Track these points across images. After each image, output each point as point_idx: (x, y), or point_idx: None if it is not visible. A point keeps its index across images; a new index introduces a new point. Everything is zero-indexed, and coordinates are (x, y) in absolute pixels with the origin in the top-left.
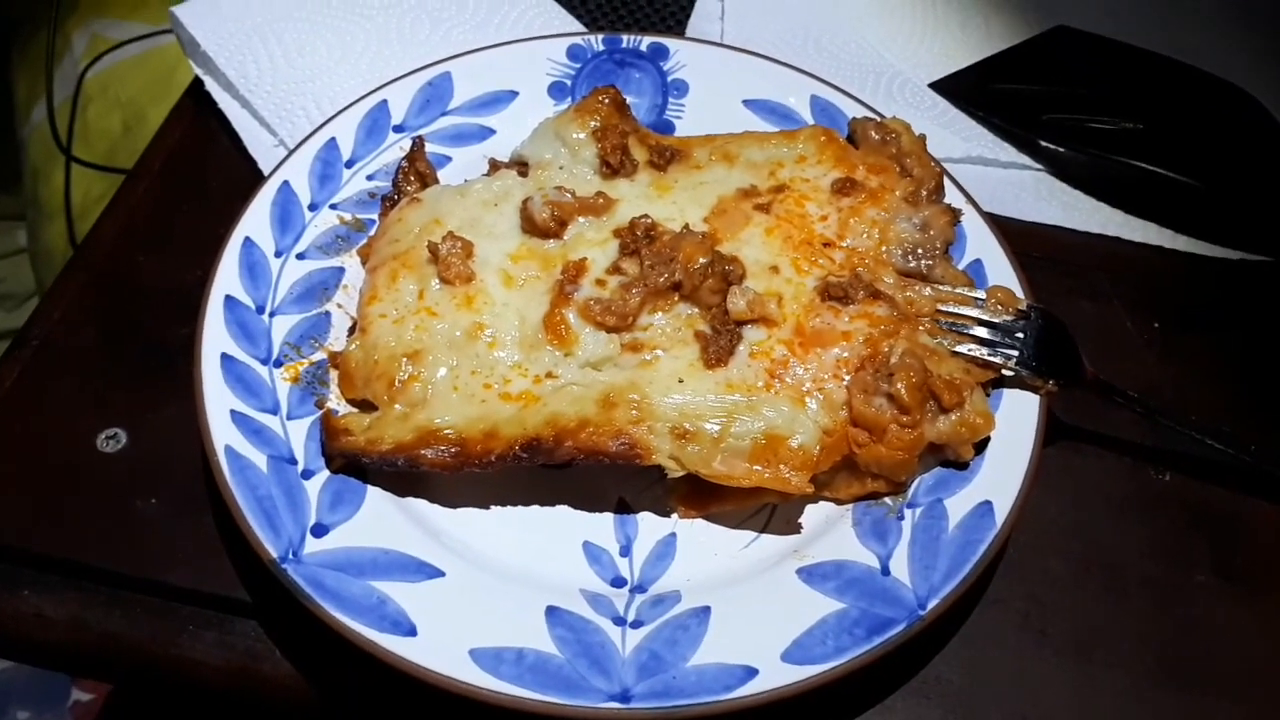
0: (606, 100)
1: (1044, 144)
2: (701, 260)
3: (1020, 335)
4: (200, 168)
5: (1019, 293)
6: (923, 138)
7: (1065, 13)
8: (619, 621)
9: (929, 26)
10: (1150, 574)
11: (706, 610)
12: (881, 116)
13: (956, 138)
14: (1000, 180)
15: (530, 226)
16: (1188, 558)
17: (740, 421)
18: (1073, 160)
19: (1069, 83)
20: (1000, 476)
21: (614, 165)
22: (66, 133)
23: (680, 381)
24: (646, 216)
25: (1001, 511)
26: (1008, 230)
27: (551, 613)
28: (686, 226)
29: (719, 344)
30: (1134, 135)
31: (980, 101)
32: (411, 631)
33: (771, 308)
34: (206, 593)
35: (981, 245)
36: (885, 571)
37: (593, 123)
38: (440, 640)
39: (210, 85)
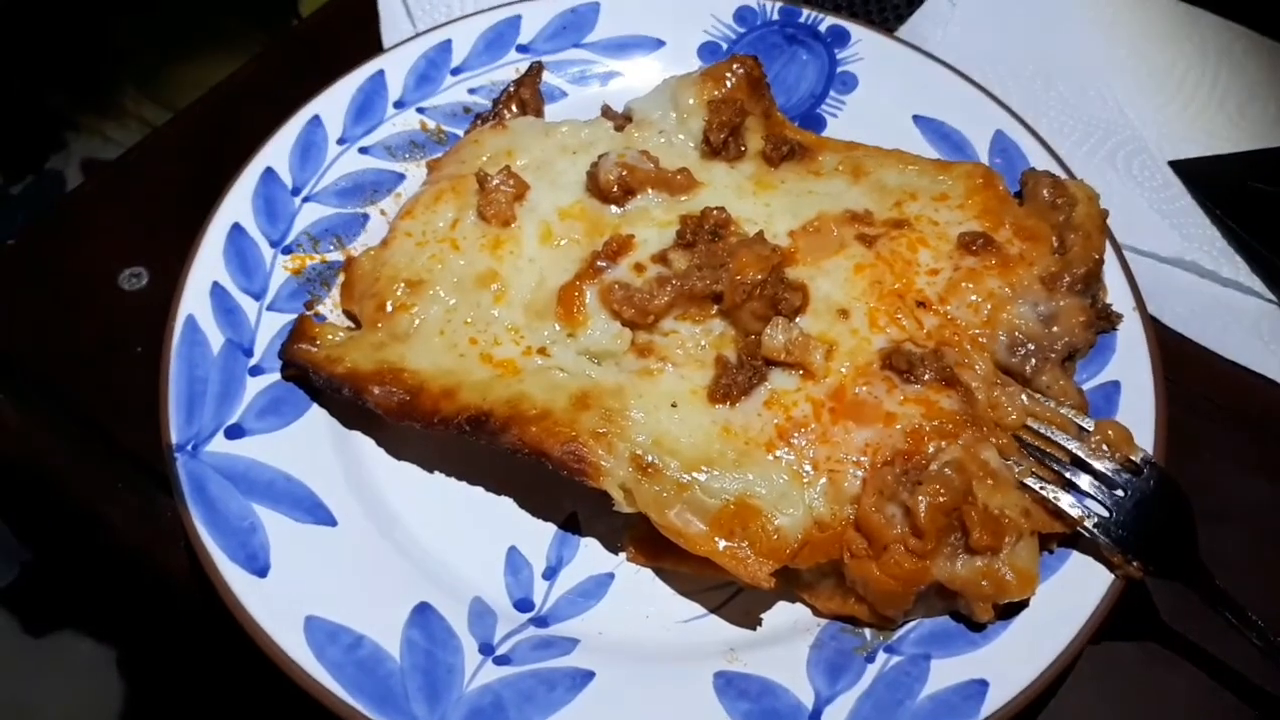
0: (740, 71)
1: None
2: (755, 276)
3: (1120, 493)
4: (345, 46)
5: (1149, 439)
6: (1103, 214)
7: None
8: (486, 649)
9: (1201, 96)
10: None
11: (588, 676)
12: (1071, 175)
13: (1175, 232)
14: (1214, 300)
15: (594, 186)
16: None
17: (717, 475)
18: None
19: None
20: (1016, 656)
21: (715, 145)
22: None
23: (673, 406)
24: (722, 210)
25: (995, 700)
26: (1194, 362)
27: (421, 610)
28: (761, 234)
29: (735, 378)
30: None
31: (1227, 199)
32: (263, 571)
33: (816, 356)
34: (139, 457)
35: (1128, 368)
36: (815, 718)
37: (715, 92)
38: (286, 592)
39: None
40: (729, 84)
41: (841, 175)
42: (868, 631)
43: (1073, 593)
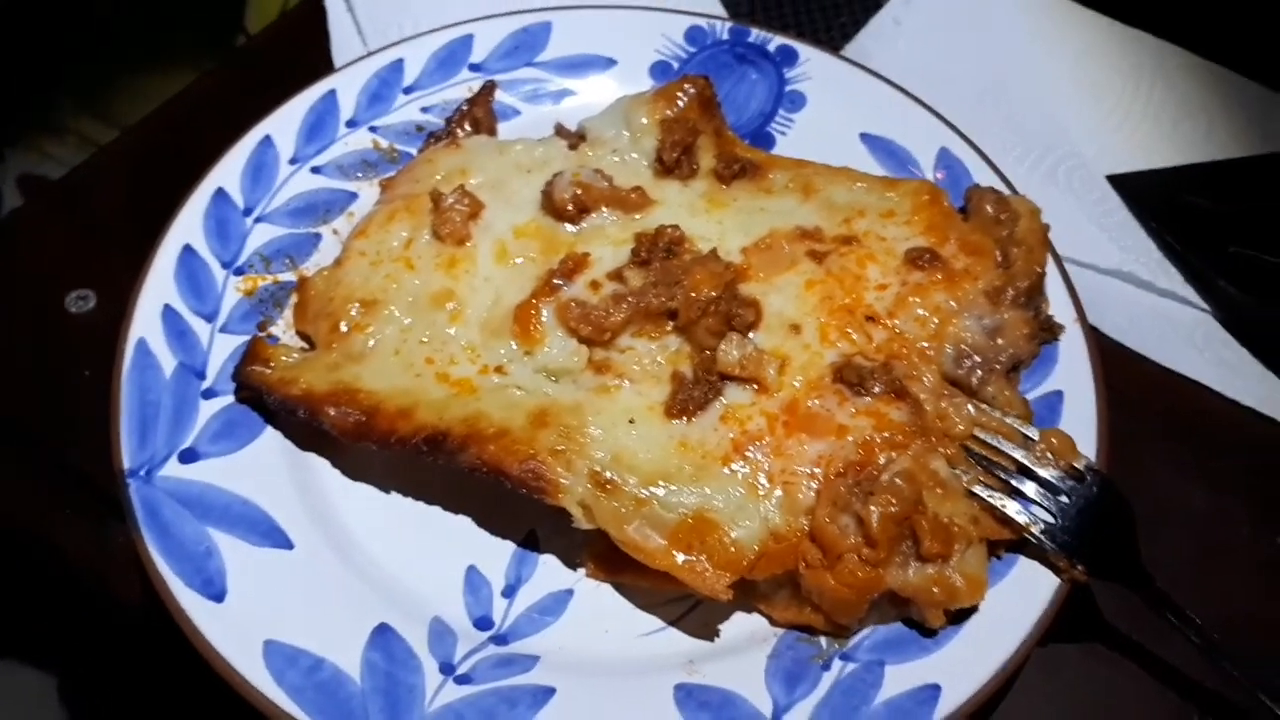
0: (692, 91)
1: (1221, 282)
2: (709, 293)
3: (1064, 499)
4: (296, 65)
5: (1091, 447)
6: (1045, 228)
7: None
8: (446, 669)
9: (1136, 111)
10: None
11: (549, 693)
12: (1014, 191)
13: (1114, 245)
14: (1150, 310)
15: (549, 204)
16: None
17: (675, 490)
18: (1250, 311)
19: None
20: (967, 660)
21: (668, 163)
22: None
23: (630, 422)
24: (676, 227)
25: (948, 704)
26: (1132, 370)
27: (380, 631)
28: (715, 252)
29: (691, 393)
30: None
31: (1161, 212)
32: (219, 596)
33: (769, 371)
34: (91, 483)
35: (1070, 377)
36: None
37: (667, 111)
38: (243, 617)
39: None
40: (681, 103)
41: (792, 193)
42: (823, 640)
43: (1020, 597)
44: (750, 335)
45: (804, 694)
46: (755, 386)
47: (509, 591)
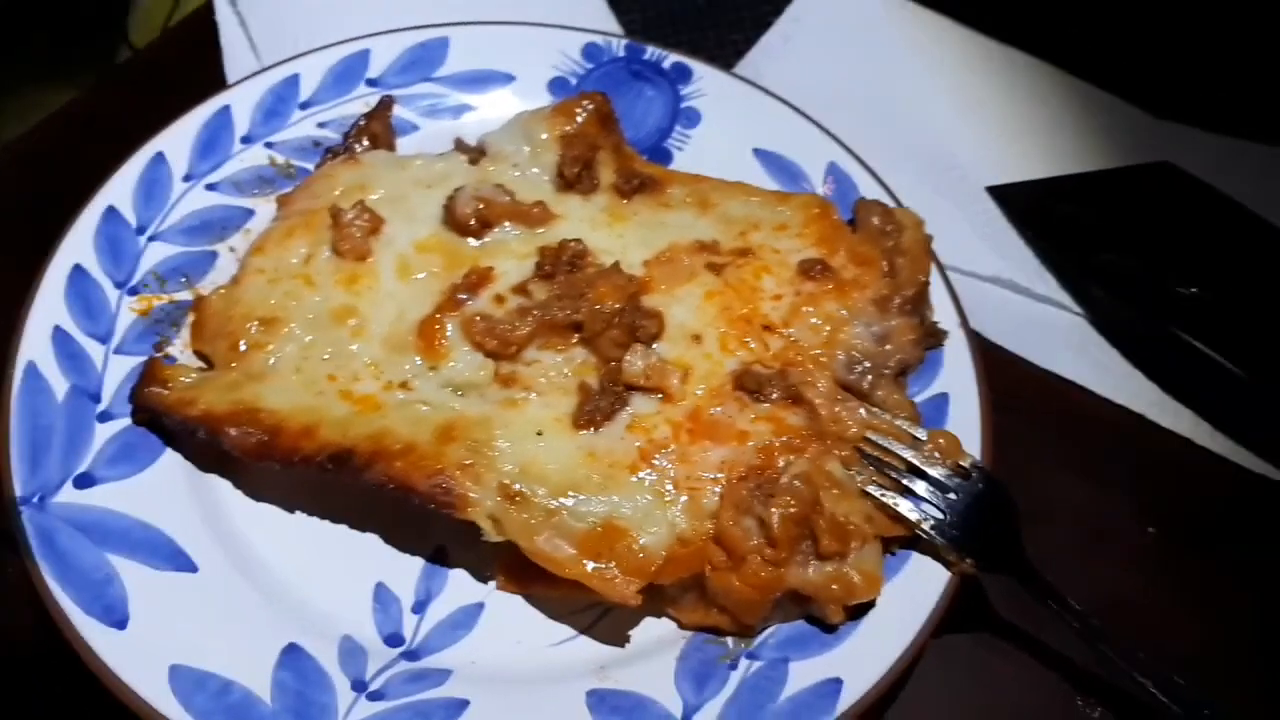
0: (590, 107)
1: (1093, 288)
2: (613, 305)
3: (952, 496)
4: (184, 80)
5: (976, 446)
6: (928, 239)
7: (1182, 151)
8: (358, 686)
9: (1013, 123)
10: None
11: (462, 705)
12: (899, 203)
13: (993, 253)
14: (1029, 315)
15: (451, 219)
16: None
17: (584, 499)
18: (1119, 315)
19: (1146, 226)
20: (866, 653)
21: (569, 178)
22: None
23: (538, 434)
24: (579, 241)
25: (849, 696)
26: (1013, 372)
27: (290, 651)
28: (618, 264)
29: (598, 404)
30: (1196, 303)
31: (1036, 221)
32: (121, 624)
33: (673, 380)
34: None
35: (954, 380)
36: None
37: (566, 127)
38: (147, 643)
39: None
40: (580, 119)
41: (690, 207)
42: (730, 640)
43: (914, 591)
44: (654, 346)
45: (712, 693)
46: (660, 396)
47: (419, 607)
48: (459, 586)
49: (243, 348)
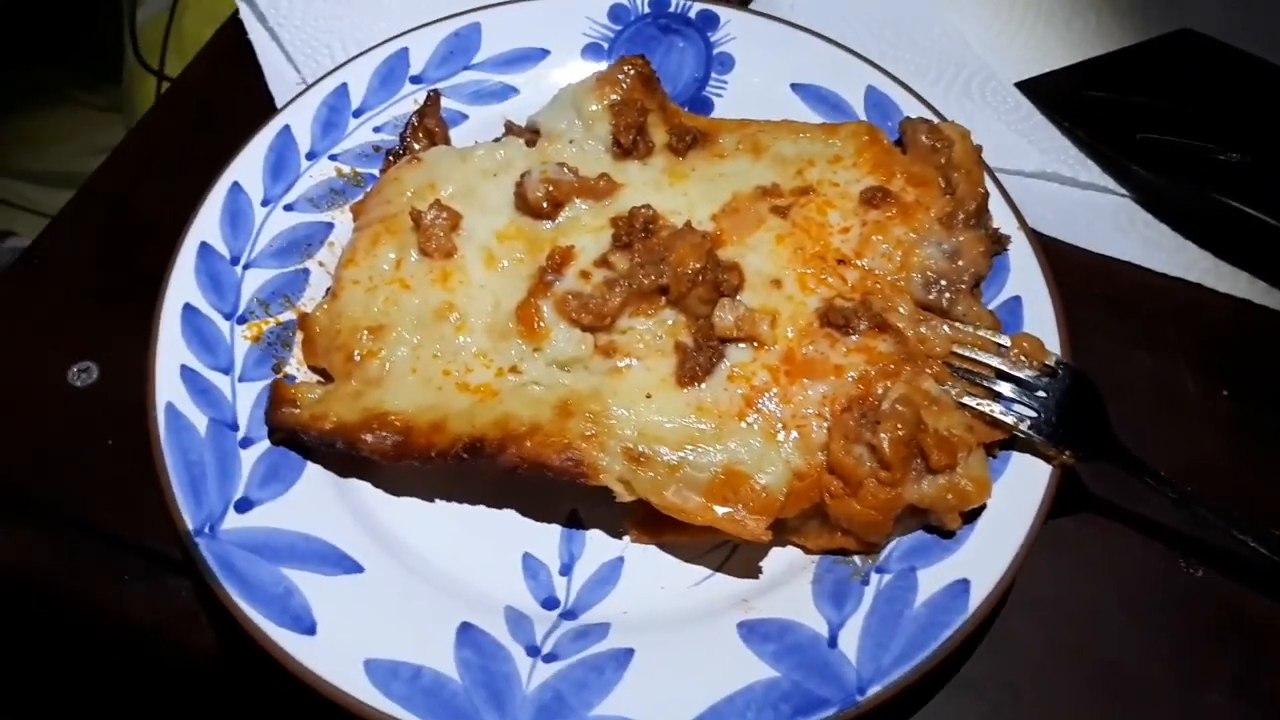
0: (632, 72)
1: (1134, 167)
2: (694, 265)
3: (1042, 394)
4: (225, 102)
5: (1055, 342)
6: (978, 149)
7: (1194, 13)
8: (532, 651)
9: (1030, 16)
10: (1155, 682)
11: (629, 654)
12: (941, 117)
13: (1034, 148)
14: (1076, 203)
15: (523, 204)
16: (1204, 670)
17: (702, 451)
18: (1163, 190)
19: (1177, 98)
20: (986, 553)
21: (626, 146)
22: (163, 39)
23: (647, 397)
24: (648, 207)
25: (978, 594)
26: (1071, 261)
27: (464, 630)
28: (689, 224)
29: (697, 360)
30: (1239, 169)
31: (1069, 110)
32: (311, 630)
33: (763, 328)
34: (142, 545)
35: (1024, 282)
36: (832, 643)
37: (613, 95)
38: (338, 644)
39: (245, 14)
40: (624, 85)
41: (743, 154)
42: (857, 558)
43: (1021, 488)
44: (738, 297)
45: (852, 609)
46: (753, 344)
47: (565, 570)
48: (597, 545)
49: (357, 357)
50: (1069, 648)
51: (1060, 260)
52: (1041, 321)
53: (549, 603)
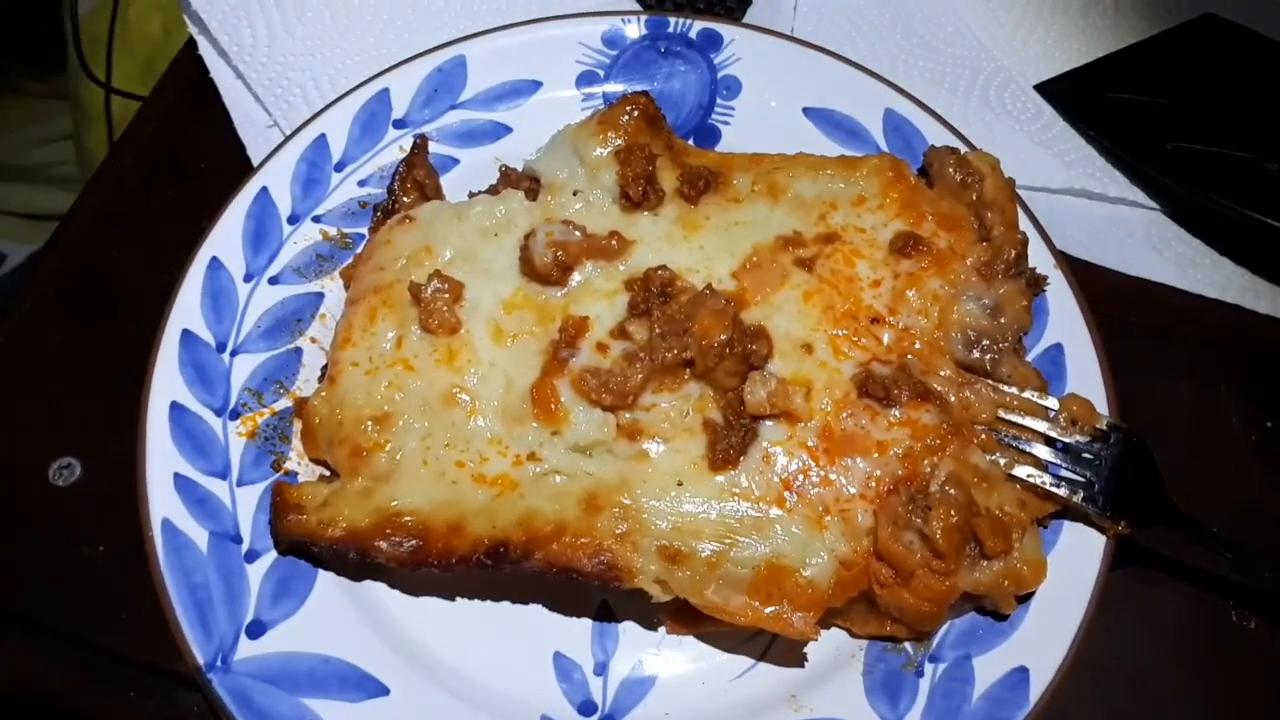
0: (635, 112)
1: (1165, 179)
2: (720, 337)
3: (1094, 460)
4: (191, 144)
5: (1101, 397)
6: (1010, 183)
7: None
8: None
9: (1045, 9)
10: None
11: None
12: (966, 141)
13: (1059, 162)
14: (1107, 219)
15: (530, 270)
16: None
17: (742, 544)
18: (1197, 204)
19: (1205, 96)
20: (1044, 636)
21: (635, 198)
22: (108, 32)
23: (679, 485)
24: (664, 268)
25: (1039, 683)
26: (1103, 286)
27: None
28: (710, 286)
29: (729, 441)
30: (1275, 179)
31: (1093, 116)
32: None
33: (797, 401)
34: (148, 662)
35: (1065, 327)
36: None
37: (616, 140)
38: None
39: (204, 49)
40: (626, 127)
41: (760, 196)
42: (908, 645)
43: (1075, 562)
44: (768, 368)
45: (908, 706)
46: (787, 420)
47: (600, 669)
48: (631, 639)
49: (362, 453)
50: (1128, 717)
51: (1092, 285)
52: (1084, 373)
53: (586, 707)
